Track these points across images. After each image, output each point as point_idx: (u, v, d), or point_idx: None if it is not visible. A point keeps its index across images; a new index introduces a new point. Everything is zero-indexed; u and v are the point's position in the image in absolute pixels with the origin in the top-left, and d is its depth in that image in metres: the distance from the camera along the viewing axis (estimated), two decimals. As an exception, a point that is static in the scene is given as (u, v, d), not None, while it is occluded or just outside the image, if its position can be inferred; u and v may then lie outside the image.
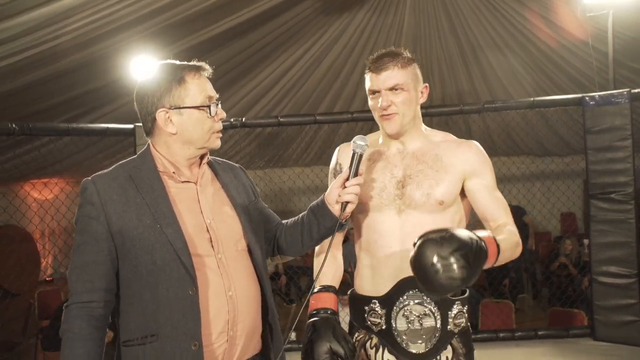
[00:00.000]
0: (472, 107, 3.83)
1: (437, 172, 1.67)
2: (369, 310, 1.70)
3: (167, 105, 1.46)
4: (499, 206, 1.69)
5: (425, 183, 1.66)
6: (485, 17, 5.82)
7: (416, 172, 1.68)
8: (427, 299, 1.64)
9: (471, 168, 1.69)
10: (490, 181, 1.71)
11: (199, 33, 4.77)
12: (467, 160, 1.70)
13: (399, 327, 1.66)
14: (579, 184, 8.07)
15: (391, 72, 1.66)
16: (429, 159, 1.69)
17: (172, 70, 1.48)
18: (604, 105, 3.47)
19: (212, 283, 1.44)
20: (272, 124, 3.89)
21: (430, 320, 1.65)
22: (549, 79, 6.60)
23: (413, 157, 1.71)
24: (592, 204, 3.54)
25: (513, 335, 3.71)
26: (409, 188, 1.67)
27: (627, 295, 3.44)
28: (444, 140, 1.77)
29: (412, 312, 1.65)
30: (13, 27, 3.28)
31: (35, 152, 5.42)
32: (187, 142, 1.49)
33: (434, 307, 1.64)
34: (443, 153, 1.71)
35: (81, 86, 4.74)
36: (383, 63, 1.67)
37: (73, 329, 1.37)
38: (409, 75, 1.68)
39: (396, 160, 1.72)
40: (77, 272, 1.42)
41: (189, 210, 1.48)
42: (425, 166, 1.68)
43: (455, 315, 1.68)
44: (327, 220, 1.59)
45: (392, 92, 1.66)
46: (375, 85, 1.68)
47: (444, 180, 1.66)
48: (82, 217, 1.45)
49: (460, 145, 1.74)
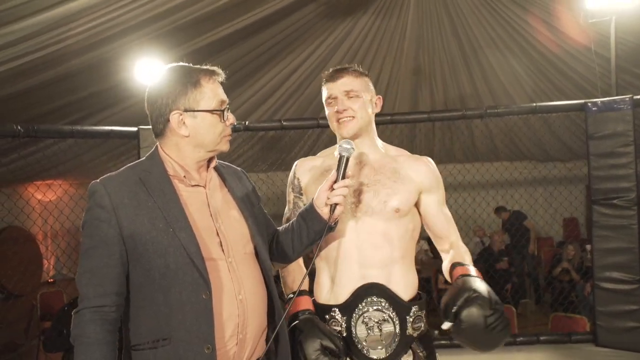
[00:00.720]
0: (474, 112, 3.83)
1: (395, 182, 1.76)
2: (330, 319, 1.75)
3: (182, 108, 1.47)
4: (448, 222, 1.84)
5: (382, 192, 1.75)
6: (487, 22, 5.83)
7: (373, 182, 1.77)
8: (385, 305, 1.70)
9: (427, 183, 1.81)
10: (441, 197, 1.85)
11: (203, 37, 4.79)
12: (423, 175, 1.81)
13: (359, 334, 1.70)
14: (582, 190, 8.05)
15: (346, 79, 1.80)
16: (387, 171, 1.79)
17: (188, 73, 1.49)
18: (606, 111, 3.47)
19: (224, 287, 1.45)
20: (276, 128, 3.90)
21: (389, 325, 1.70)
22: (551, 84, 6.60)
23: (371, 168, 1.81)
24: (594, 210, 3.54)
25: (515, 340, 3.71)
26: (366, 196, 1.75)
27: (630, 301, 3.43)
28: (400, 154, 1.88)
29: (371, 319, 1.69)
30: (19, 31, 3.30)
31: (40, 154, 5.43)
32: (198, 145, 1.50)
33: (392, 313, 1.70)
34: (400, 167, 1.81)
35: (86, 89, 4.77)
36: (338, 72, 1.82)
37: (87, 334, 1.36)
38: (362, 85, 1.82)
39: (354, 170, 1.79)
40: (87, 276, 1.41)
41: (200, 214, 1.49)
42: (383, 177, 1.78)
43: (414, 319, 1.73)
44: (316, 224, 1.62)
45: (347, 98, 1.79)
46: (332, 91, 1.82)
47: (401, 190, 1.76)
48: (91, 220, 1.43)
49: (416, 161, 1.85)
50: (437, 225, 1.83)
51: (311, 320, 1.68)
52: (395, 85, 6.88)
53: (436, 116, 4.01)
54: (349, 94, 1.78)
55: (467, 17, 5.82)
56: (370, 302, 1.70)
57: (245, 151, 7.52)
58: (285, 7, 4.91)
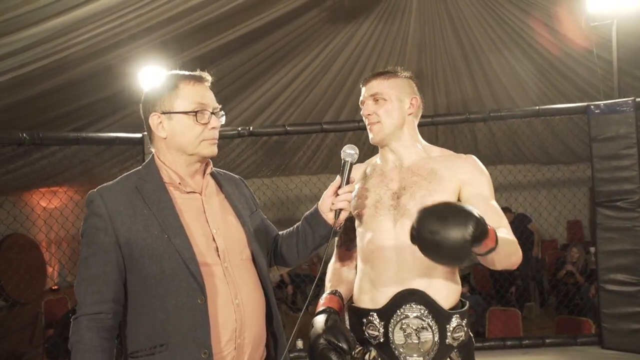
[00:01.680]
0: (477, 116, 3.84)
1: (430, 183, 1.70)
2: (367, 323, 1.70)
3: (159, 111, 1.50)
4: (496, 215, 1.66)
5: (418, 193, 1.69)
6: (490, 26, 5.85)
7: (410, 184, 1.71)
8: (424, 312, 1.63)
9: (467, 178, 1.72)
10: (486, 192, 1.71)
11: (206, 43, 4.82)
12: (462, 171, 1.72)
13: (396, 340, 1.65)
14: (585, 192, 8.04)
15: (374, 82, 1.78)
16: (424, 172, 1.73)
17: (169, 78, 1.53)
18: (609, 113, 3.48)
19: (220, 292, 1.46)
20: (279, 133, 3.92)
21: (427, 334, 1.63)
22: (554, 87, 6.61)
23: (408, 170, 1.75)
24: (598, 212, 3.54)
25: (520, 343, 3.70)
26: (404, 198, 1.70)
27: (635, 303, 3.42)
28: (441, 154, 1.81)
29: (410, 326, 1.64)
30: (24, 39, 3.33)
31: (45, 161, 5.46)
32: (178, 149, 1.51)
33: (431, 321, 1.63)
34: (439, 166, 1.73)
35: (91, 96, 4.80)
36: (369, 77, 1.81)
37: (84, 341, 1.37)
38: (393, 86, 1.76)
39: (392, 174, 1.77)
40: (85, 283, 1.42)
41: (196, 221, 1.50)
42: (419, 178, 1.72)
43: (454, 328, 1.66)
44: (321, 229, 1.62)
45: (374, 102, 1.76)
46: (362, 96, 1.81)
47: (437, 190, 1.68)
48: (89, 229, 1.46)
49: (457, 158, 1.78)
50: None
51: (326, 316, 1.65)
52: (398, 90, 6.88)
53: (440, 120, 4.02)
54: (375, 97, 1.76)
55: (469, 21, 5.84)
56: (410, 309, 1.64)
57: (249, 156, 7.54)
58: (288, 13, 4.94)
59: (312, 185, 6.17)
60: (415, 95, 1.80)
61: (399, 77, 1.79)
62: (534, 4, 5.29)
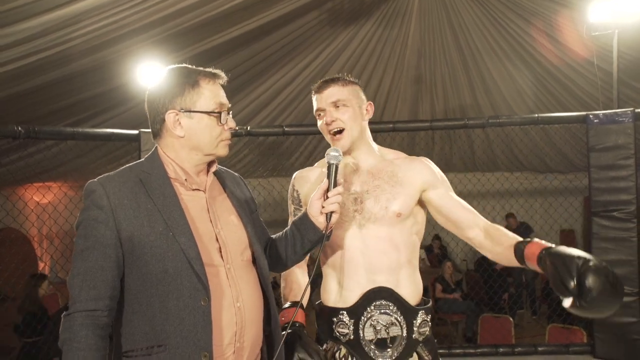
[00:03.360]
0: (476, 122, 3.83)
1: (393, 186, 1.75)
2: (337, 322, 1.76)
3: (178, 108, 1.44)
4: (469, 209, 1.77)
5: (382, 197, 1.74)
6: (490, 33, 5.85)
7: (373, 187, 1.76)
8: (393, 308, 1.71)
9: (430, 179, 1.78)
10: (450, 189, 1.80)
11: (206, 41, 4.80)
12: (423, 173, 1.79)
13: (366, 336, 1.72)
14: (580, 201, 8.07)
15: (332, 89, 1.78)
16: (385, 175, 1.77)
17: (187, 74, 1.47)
18: (607, 123, 3.48)
19: (222, 293, 1.42)
20: (277, 133, 3.89)
21: (396, 329, 1.72)
22: (552, 96, 6.63)
23: (368, 174, 1.79)
24: (594, 222, 3.53)
25: (513, 351, 3.69)
26: (367, 203, 1.75)
27: (628, 313, 3.42)
28: (397, 157, 1.86)
29: (379, 322, 1.71)
30: (22, 32, 3.31)
31: (40, 155, 5.42)
32: (194, 148, 1.46)
33: (399, 317, 1.71)
34: (397, 169, 1.79)
35: (88, 91, 4.77)
36: (325, 84, 1.80)
37: (77, 339, 1.29)
38: (351, 93, 1.79)
39: (352, 178, 1.80)
40: (80, 278, 1.34)
41: (200, 219, 1.45)
42: (381, 182, 1.76)
43: (420, 324, 1.75)
44: (311, 233, 1.59)
45: (335, 109, 1.77)
46: (320, 104, 1.80)
47: (400, 194, 1.74)
48: (87, 220, 1.38)
49: (413, 161, 1.83)
50: (457, 215, 1.75)
51: (294, 333, 1.67)
52: (396, 94, 6.90)
53: (438, 125, 4.00)
54: (336, 104, 1.77)
55: (469, 28, 5.85)
56: (379, 306, 1.72)
57: (245, 156, 7.53)
58: (288, 14, 4.93)
59: (308, 187, 6.14)
60: (369, 101, 1.85)
61: (354, 83, 1.83)
62: (535, 13, 5.30)
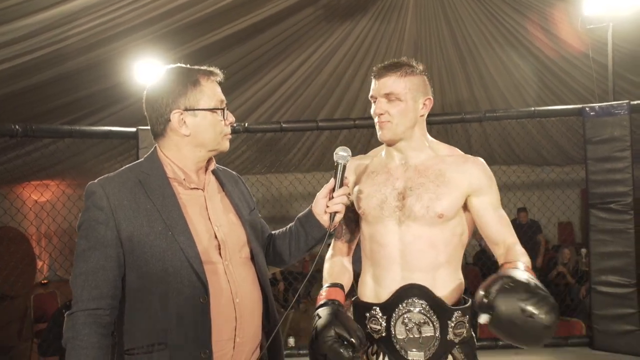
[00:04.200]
0: (473, 116, 3.85)
1: (438, 186, 1.66)
2: (370, 317, 1.70)
3: (182, 107, 1.46)
4: (505, 225, 1.68)
5: (425, 196, 1.65)
6: (485, 26, 5.86)
7: (417, 185, 1.67)
8: (426, 307, 1.63)
9: (477, 185, 1.68)
10: (495, 200, 1.70)
11: (202, 38, 4.80)
12: (472, 177, 1.68)
13: (398, 334, 1.65)
14: (578, 194, 8.09)
15: (388, 80, 1.66)
16: (431, 174, 1.68)
17: (187, 73, 1.49)
18: (603, 116, 3.50)
19: (221, 291, 1.44)
20: (275, 130, 3.91)
21: (429, 328, 1.63)
22: (548, 90, 6.63)
23: (415, 170, 1.70)
24: (591, 214, 3.55)
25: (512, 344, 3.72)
26: (409, 200, 1.67)
27: (626, 304, 3.45)
28: (450, 154, 1.75)
29: (411, 320, 1.64)
30: (19, 29, 3.30)
31: (37, 154, 5.42)
32: (199, 145, 1.49)
33: (433, 316, 1.63)
34: (447, 168, 1.69)
35: (85, 88, 4.76)
36: (384, 70, 1.68)
37: (80, 337, 1.32)
38: (408, 85, 1.67)
39: (398, 172, 1.72)
40: (82, 278, 1.37)
41: (198, 217, 1.48)
42: (426, 180, 1.67)
43: (456, 324, 1.65)
44: (315, 231, 1.61)
45: (387, 101, 1.67)
46: (373, 92, 1.70)
47: (445, 194, 1.65)
48: (88, 221, 1.41)
49: (466, 161, 1.72)
50: (490, 229, 1.69)
51: (332, 309, 1.58)
52: (393, 89, 6.89)
53: (435, 119, 4.01)
54: (388, 96, 1.66)
55: (465, 22, 5.85)
56: (412, 303, 1.64)
57: (243, 152, 7.52)
58: (284, 10, 4.92)
59: (306, 182, 6.16)
60: (429, 96, 1.72)
61: (415, 74, 1.69)
62: (530, 6, 5.31)
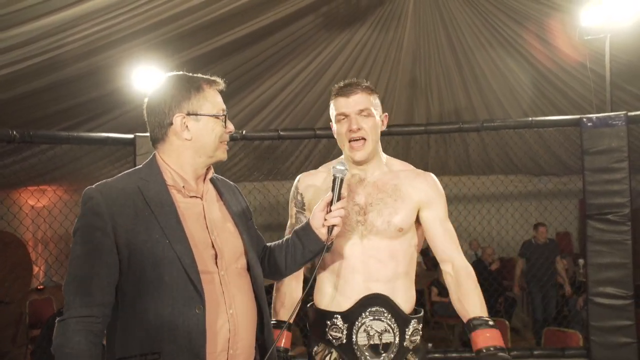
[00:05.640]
0: (471, 125, 3.84)
1: (396, 201, 1.77)
2: (331, 325, 1.78)
3: (185, 111, 1.47)
4: (449, 240, 1.81)
5: (385, 211, 1.76)
6: (484, 36, 5.88)
7: (377, 201, 1.78)
8: (387, 315, 1.74)
9: (426, 199, 1.81)
10: (442, 213, 1.82)
11: (201, 45, 4.80)
12: (422, 192, 1.81)
13: (359, 341, 1.74)
14: (575, 204, 8.09)
15: (360, 97, 1.76)
16: (389, 189, 1.79)
17: (190, 79, 1.51)
18: (601, 127, 3.49)
19: (216, 301, 1.43)
20: (272, 137, 3.90)
21: (389, 335, 1.74)
22: (546, 100, 6.65)
23: (374, 186, 1.80)
24: (588, 225, 3.55)
25: (508, 354, 3.70)
26: (371, 215, 1.77)
27: (623, 316, 3.43)
28: (403, 169, 1.87)
29: (373, 328, 1.73)
30: (18, 36, 3.30)
31: (35, 159, 5.41)
32: (199, 150, 1.49)
33: (393, 324, 1.74)
34: (402, 183, 1.81)
35: (83, 95, 4.76)
36: (352, 88, 1.78)
37: (70, 345, 1.29)
38: (373, 102, 1.79)
39: (358, 188, 1.81)
40: (75, 284, 1.35)
41: (196, 226, 1.47)
42: (385, 195, 1.78)
43: (412, 332, 1.77)
44: (313, 244, 1.62)
45: (361, 116, 1.75)
46: (345, 108, 1.77)
47: (402, 209, 1.77)
48: (84, 227, 1.39)
49: (417, 177, 1.85)
50: (436, 243, 1.82)
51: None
52: (392, 98, 6.92)
53: (433, 128, 4.02)
54: (362, 112, 1.75)
55: (464, 31, 5.87)
56: (374, 312, 1.73)
57: (240, 160, 7.52)
58: (284, 18, 4.93)
59: (304, 190, 6.14)
60: (385, 113, 1.85)
61: (374, 92, 1.82)
62: (528, 16, 5.33)
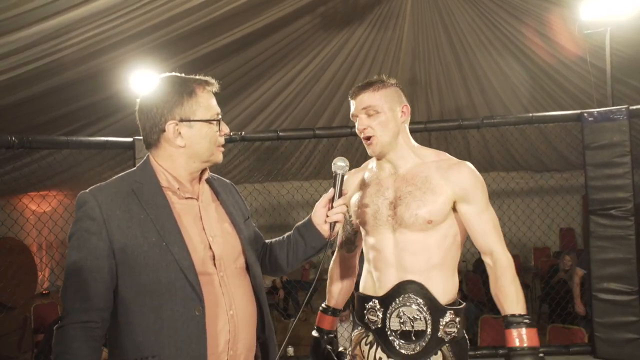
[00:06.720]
0: (471, 122, 3.82)
1: (425, 193, 1.74)
2: (369, 308, 1.81)
3: (178, 118, 1.43)
4: (488, 232, 1.76)
5: (413, 204, 1.74)
6: (483, 33, 5.86)
7: (405, 194, 1.76)
8: (421, 303, 1.73)
9: (461, 191, 1.75)
10: (480, 204, 1.76)
11: (199, 48, 4.79)
12: (456, 183, 1.75)
13: (392, 326, 1.75)
14: (578, 200, 8.07)
15: (364, 96, 1.78)
16: (418, 181, 1.76)
17: (182, 83, 1.46)
18: (602, 121, 3.47)
19: (215, 302, 1.41)
20: (272, 138, 3.88)
21: (421, 323, 1.73)
22: (547, 95, 6.64)
23: (403, 179, 1.79)
24: (591, 220, 3.52)
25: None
26: (399, 209, 1.76)
27: (628, 312, 3.40)
28: (437, 159, 1.82)
29: (405, 314, 1.74)
30: (15, 42, 3.29)
31: (34, 165, 5.41)
32: (193, 156, 1.47)
33: (426, 313, 1.72)
34: (433, 175, 1.76)
35: (81, 99, 4.76)
36: (358, 89, 1.81)
37: (71, 351, 1.28)
38: (383, 97, 1.77)
39: (388, 182, 1.81)
40: (73, 290, 1.34)
41: (193, 227, 1.45)
42: (413, 188, 1.76)
43: (447, 323, 1.74)
44: (315, 241, 1.61)
45: (366, 115, 1.77)
46: (353, 110, 1.81)
47: (431, 201, 1.73)
48: (79, 232, 1.37)
49: (451, 167, 1.78)
50: (475, 236, 1.77)
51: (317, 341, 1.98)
52: (392, 96, 6.90)
53: (433, 126, 3.99)
54: (367, 111, 1.77)
55: (463, 28, 5.86)
56: (408, 298, 1.74)
57: (241, 162, 7.51)
58: (282, 19, 4.92)
59: (304, 191, 6.14)
60: (405, 103, 1.83)
61: (387, 86, 1.80)
62: (527, 12, 5.31)
